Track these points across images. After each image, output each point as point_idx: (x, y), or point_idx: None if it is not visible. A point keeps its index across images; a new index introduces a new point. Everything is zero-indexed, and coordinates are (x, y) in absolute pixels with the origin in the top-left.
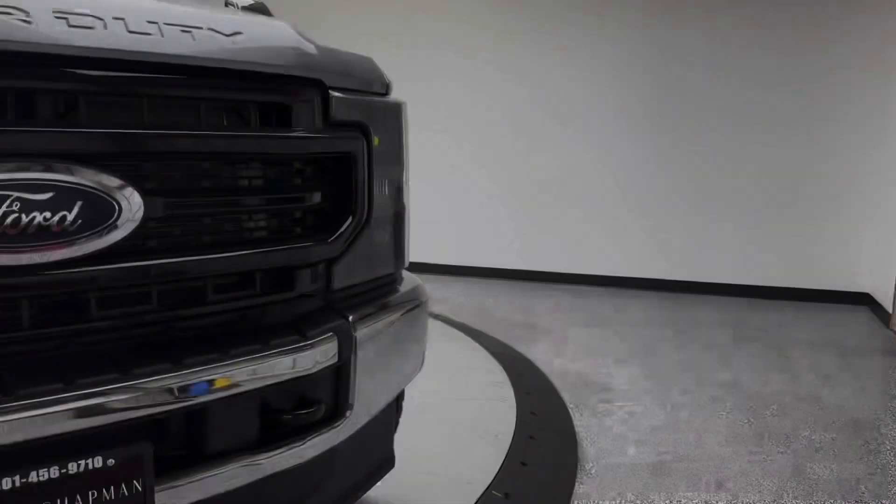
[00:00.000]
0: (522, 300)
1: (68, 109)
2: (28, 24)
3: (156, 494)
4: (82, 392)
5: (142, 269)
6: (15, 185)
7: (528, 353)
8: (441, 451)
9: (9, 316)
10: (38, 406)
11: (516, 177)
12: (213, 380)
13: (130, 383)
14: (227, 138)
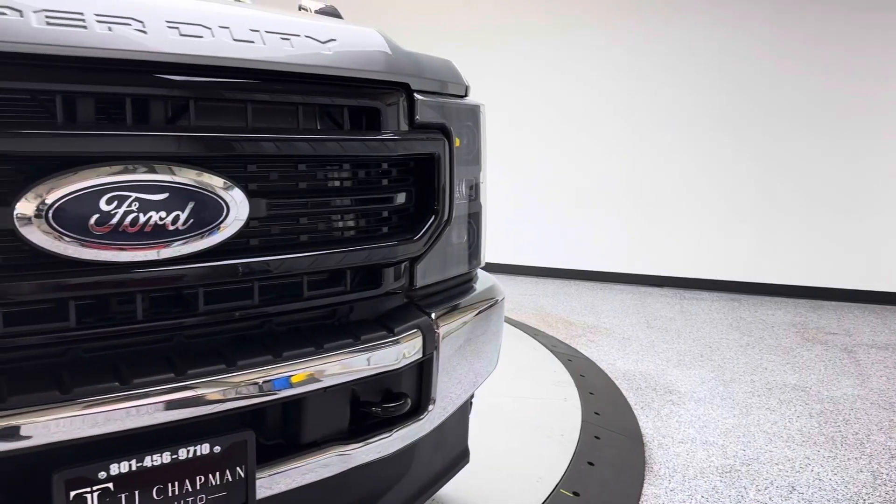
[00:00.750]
0: (581, 300)
1: (180, 115)
2: (144, 34)
3: (256, 481)
4: (192, 382)
5: (246, 266)
6: (135, 187)
7: (589, 353)
8: (508, 448)
9: (125, 309)
10: (151, 395)
11: (574, 175)
12: (310, 372)
13: (235, 374)
14: (324, 141)
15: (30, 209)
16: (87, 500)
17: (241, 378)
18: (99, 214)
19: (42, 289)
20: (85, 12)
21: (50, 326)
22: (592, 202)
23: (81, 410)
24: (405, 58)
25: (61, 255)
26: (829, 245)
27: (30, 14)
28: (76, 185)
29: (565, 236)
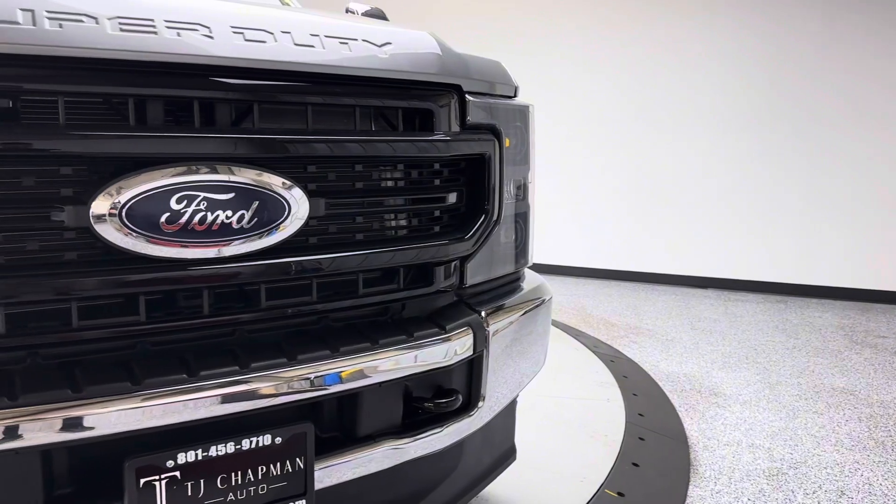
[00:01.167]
0: (623, 300)
1: (244, 117)
2: (211, 39)
3: (314, 472)
4: (255, 375)
5: (305, 263)
6: (203, 187)
7: (632, 354)
8: (552, 448)
9: (191, 304)
10: (217, 387)
11: (615, 175)
12: (366, 367)
13: (296, 368)
14: (380, 142)
15: (104, 208)
16: (155, 488)
17: (301, 372)
18: (169, 213)
19: (115, 284)
20: (155, 19)
21: (121, 320)
22: (633, 201)
23: (151, 401)
24: (457, 59)
25: (133, 251)
26: (879, 246)
27: (105, 21)
28: (148, 185)
29: (606, 236)
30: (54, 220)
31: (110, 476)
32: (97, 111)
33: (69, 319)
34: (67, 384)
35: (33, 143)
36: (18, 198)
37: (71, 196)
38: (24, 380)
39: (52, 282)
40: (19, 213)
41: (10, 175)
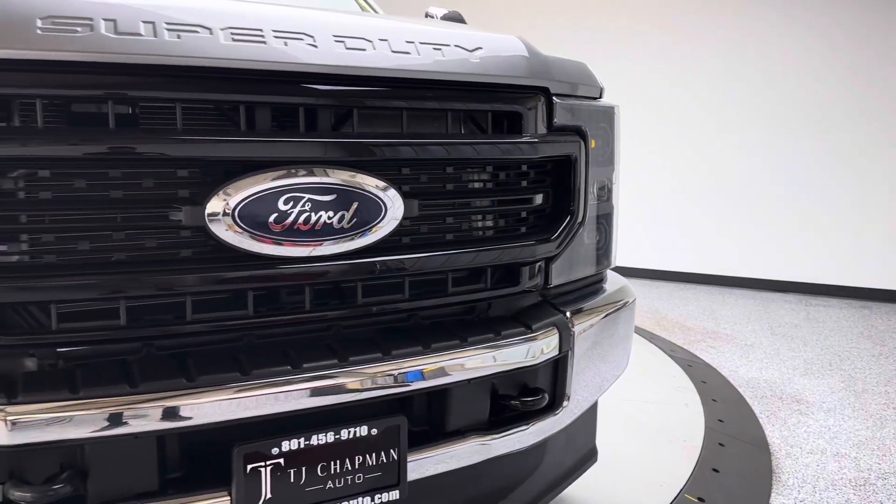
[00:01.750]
0: (698, 304)
1: (344, 121)
2: (315, 48)
3: (407, 464)
4: (353, 369)
5: (399, 262)
6: (308, 188)
7: (709, 359)
8: (631, 451)
9: (294, 300)
10: (318, 378)
11: (688, 176)
12: (456, 364)
13: (390, 363)
14: (472, 145)
15: (218, 208)
16: (261, 474)
17: (396, 367)
18: (277, 213)
19: (226, 280)
20: (264, 29)
21: (230, 314)
22: (707, 203)
23: (258, 391)
24: (544, 62)
25: (243, 249)
26: None
27: (218, 32)
28: (259, 187)
29: (679, 238)
30: (172, 220)
31: (217, 462)
32: (209, 117)
33: (183, 313)
34: (182, 374)
35: (154, 148)
36: (140, 199)
37: (187, 197)
38: (142, 369)
39: (170, 277)
40: (140, 213)
41: (133, 177)
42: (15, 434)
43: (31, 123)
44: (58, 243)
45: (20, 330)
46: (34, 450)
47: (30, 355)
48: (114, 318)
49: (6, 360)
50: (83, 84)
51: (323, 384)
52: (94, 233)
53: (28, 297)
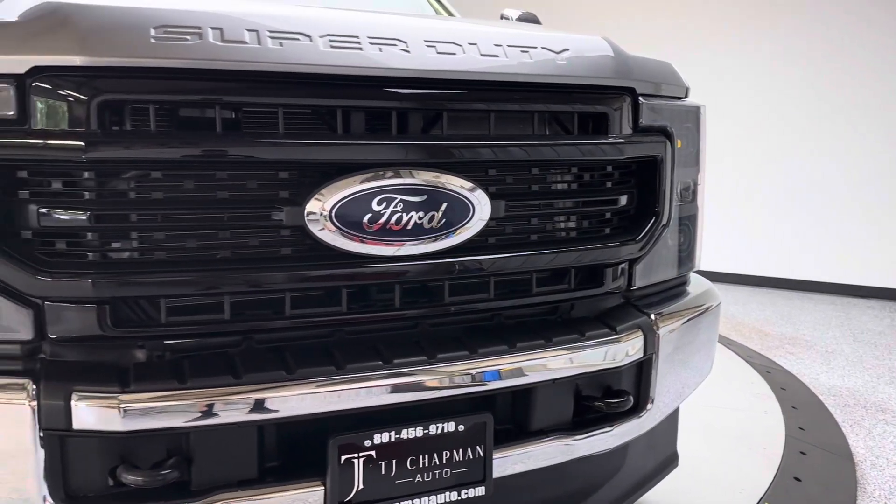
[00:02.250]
0: (776, 309)
1: (433, 124)
2: (408, 53)
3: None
4: (441, 366)
5: (486, 262)
6: (400, 189)
7: (789, 365)
8: (709, 457)
9: (384, 297)
10: (408, 374)
11: (765, 179)
12: (540, 363)
13: (477, 361)
14: (559, 146)
15: (317, 208)
16: (354, 465)
17: (482, 365)
18: (371, 214)
19: (324, 278)
20: (360, 35)
21: (325, 310)
22: (785, 206)
23: (352, 385)
24: (630, 63)
25: (340, 248)
26: None
27: (317, 39)
28: (355, 188)
29: (755, 241)
30: (273, 220)
31: (311, 452)
32: (307, 121)
33: (282, 308)
34: (281, 366)
35: (259, 151)
36: (244, 199)
37: (288, 198)
38: (243, 361)
39: (271, 274)
40: (244, 213)
41: (237, 179)
42: (127, 421)
43: (144, 127)
44: (167, 241)
45: (131, 323)
46: (144, 436)
47: (140, 347)
48: (218, 312)
49: (119, 352)
50: (193, 90)
51: (412, 380)
52: (201, 231)
53: (140, 292)
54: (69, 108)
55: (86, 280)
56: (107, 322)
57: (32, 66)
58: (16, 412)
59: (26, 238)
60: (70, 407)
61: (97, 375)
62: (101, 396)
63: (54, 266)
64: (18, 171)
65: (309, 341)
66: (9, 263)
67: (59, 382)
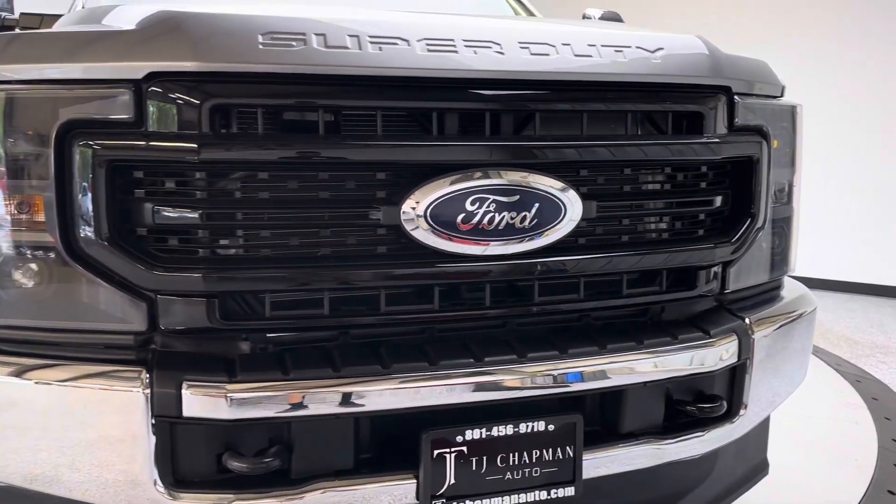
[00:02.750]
0: (866, 316)
1: (525, 125)
2: (502, 55)
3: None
4: (531, 365)
5: (576, 263)
6: (493, 190)
7: (881, 374)
8: (798, 467)
9: (474, 296)
10: (498, 372)
11: (858, 181)
12: (632, 366)
13: (567, 361)
14: (653, 146)
15: (412, 208)
16: (446, 460)
17: (572, 365)
18: (464, 214)
19: (418, 276)
20: (455, 39)
21: (418, 307)
22: (876, 209)
23: (444, 381)
24: (726, 61)
25: (434, 247)
26: None
27: (415, 43)
28: (449, 188)
29: (845, 246)
30: (371, 219)
31: (403, 446)
32: (402, 123)
33: (378, 305)
34: (377, 361)
35: (360, 153)
36: (343, 199)
37: (384, 198)
38: (341, 355)
39: (368, 272)
40: (344, 212)
41: (336, 180)
42: (234, 409)
43: (251, 130)
44: (272, 239)
45: (237, 316)
46: (248, 425)
47: (244, 339)
48: (318, 307)
49: (225, 343)
50: (298, 94)
51: (503, 378)
52: (304, 229)
53: (246, 287)
54: (182, 111)
55: (196, 275)
56: (215, 315)
57: (149, 72)
58: (130, 400)
59: (141, 235)
60: (181, 395)
61: (205, 366)
62: (209, 386)
63: (167, 261)
64: (135, 171)
65: (402, 338)
66: (125, 258)
67: (171, 372)
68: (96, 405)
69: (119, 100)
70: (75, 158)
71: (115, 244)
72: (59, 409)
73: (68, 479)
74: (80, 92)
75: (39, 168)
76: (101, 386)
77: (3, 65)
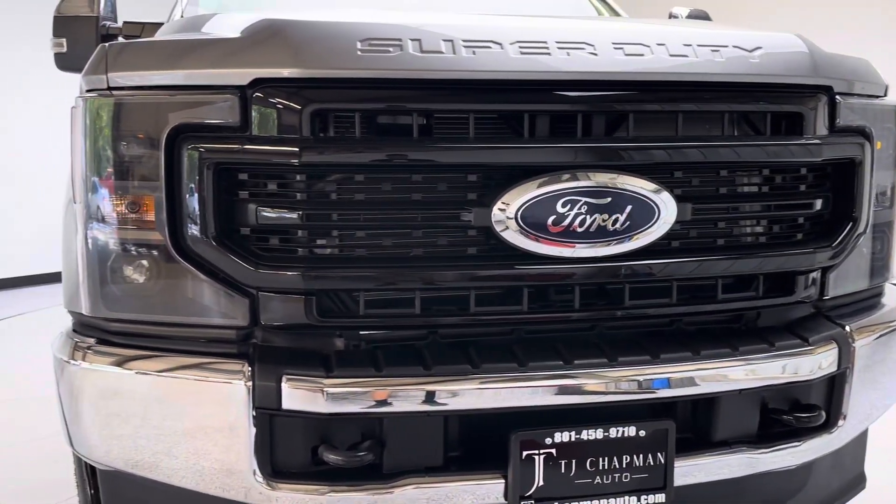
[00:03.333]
0: None
1: (617, 126)
2: (595, 56)
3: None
4: (621, 369)
5: (670, 266)
6: (585, 192)
7: None
8: (890, 480)
9: (563, 298)
10: (588, 376)
11: None
12: (726, 373)
13: (658, 366)
14: (750, 147)
15: (503, 209)
16: (534, 461)
17: (664, 370)
18: (555, 216)
19: (507, 277)
20: (548, 41)
21: (506, 309)
22: None
23: (534, 382)
24: (827, 60)
25: (524, 249)
26: None
27: (507, 46)
28: (540, 191)
29: None
30: (462, 220)
31: (491, 446)
32: (493, 126)
33: (467, 305)
34: (467, 361)
35: (453, 155)
36: (436, 201)
37: (476, 200)
38: (431, 354)
39: (458, 272)
40: (436, 214)
41: (429, 182)
42: (330, 403)
43: (347, 134)
44: (367, 239)
45: (333, 313)
46: (342, 419)
47: (338, 336)
48: (409, 306)
49: (321, 340)
50: (394, 98)
51: (593, 382)
52: (397, 230)
53: (343, 286)
54: (284, 115)
55: (296, 273)
56: (312, 312)
57: (254, 78)
58: (233, 391)
59: (245, 234)
60: (280, 388)
61: (303, 360)
62: (307, 380)
63: (268, 260)
64: (240, 173)
65: (489, 338)
66: (230, 257)
67: (271, 365)
68: (197, 395)
69: (225, 105)
70: (184, 161)
71: (221, 243)
72: (162, 398)
73: (166, 466)
74: (188, 97)
75: (150, 170)
76: (204, 377)
77: (117, 72)
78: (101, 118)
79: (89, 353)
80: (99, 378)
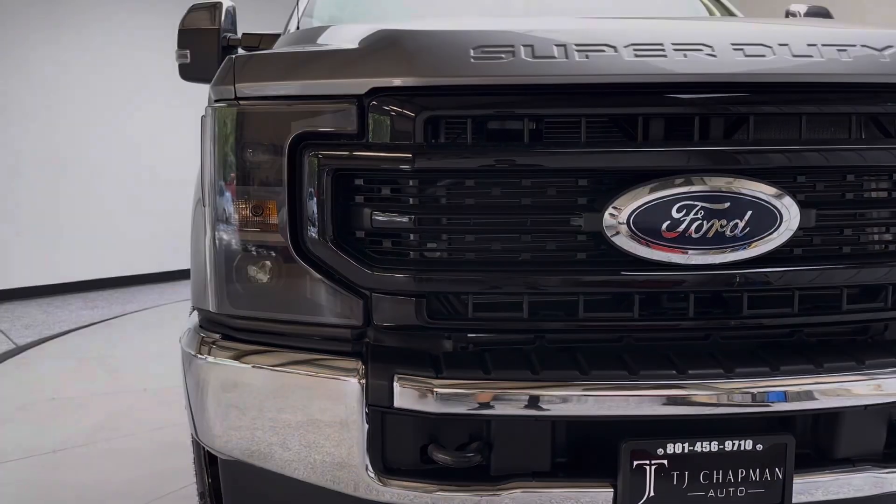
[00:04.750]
0: None
1: (736, 129)
2: (714, 58)
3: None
4: (739, 381)
5: (792, 275)
6: (701, 197)
7: None
8: None
9: (676, 306)
10: (702, 387)
11: None
12: (851, 387)
13: (777, 379)
14: (877, 151)
15: (615, 214)
16: (645, 472)
17: (784, 383)
18: (670, 221)
19: (618, 283)
20: (664, 43)
21: (616, 315)
22: None
23: (644, 391)
24: None
25: (635, 255)
26: None
27: (622, 49)
28: (654, 195)
29: None
30: (572, 225)
31: (599, 454)
32: (606, 130)
33: (575, 310)
34: (575, 367)
35: (564, 160)
36: (546, 205)
37: (586, 204)
38: (539, 359)
39: (568, 277)
40: (545, 218)
41: (538, 186)
42: (440, 403)
43: (459, 140)
44: (475, 243)
45: (442, 315)
46: (451, 419)
47: (447, 338)
48: (517, 310)
49: (430, 341)
50: (507, 104)
51: (707, 393)
52: (507, 235)
53: (453, 288)
54: (399, 123)
55: (407, 275)
56: (423, 313)
57: (371, 88)
58: (347, 388)
59: (360, 238)
60: (392, 387)
61: (413, 361)
62: (418, 380)
63: (381, 262)
64: (356, 178)
65: (597, 345)
66: (346, 259)
67: (384, 364)
68: (312, 391)
69: (344, 113)
70: (305, 167)
71: (338, 245)
72: (278, 392)
73: (280, 457)
74: (310, 106)
75: (273, 175)
76: (319, 374)
77: (243, 83)
78: (229, 127)
79: (214, 347)
80: (222, 372)
